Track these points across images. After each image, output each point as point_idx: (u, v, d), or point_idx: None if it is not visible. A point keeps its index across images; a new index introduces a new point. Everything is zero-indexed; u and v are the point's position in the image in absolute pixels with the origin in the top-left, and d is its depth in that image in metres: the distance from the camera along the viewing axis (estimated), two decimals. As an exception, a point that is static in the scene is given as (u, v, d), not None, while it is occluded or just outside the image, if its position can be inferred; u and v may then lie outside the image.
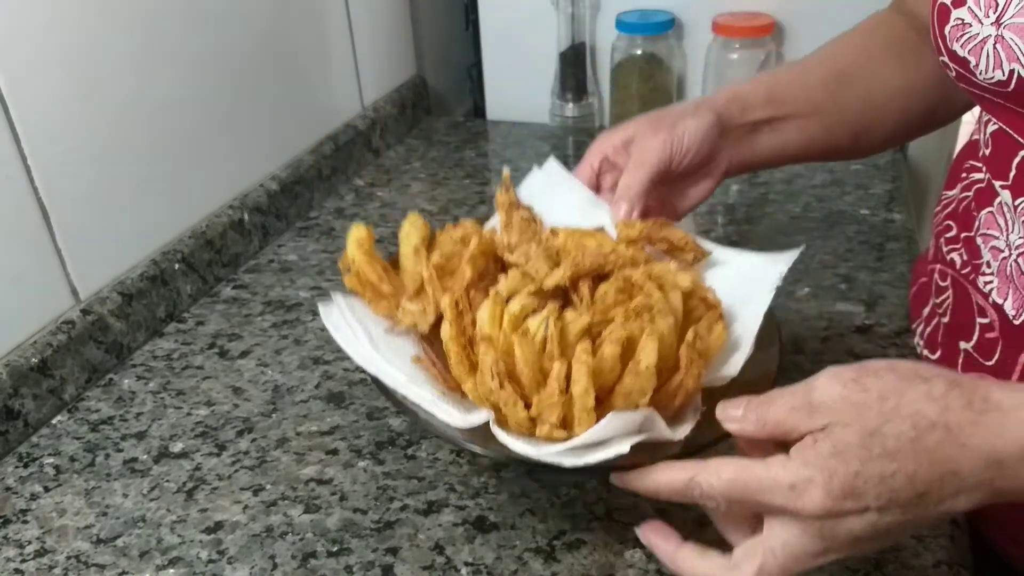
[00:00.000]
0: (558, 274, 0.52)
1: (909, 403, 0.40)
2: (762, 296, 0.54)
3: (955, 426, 0.39)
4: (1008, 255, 0.55)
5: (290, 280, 0.87)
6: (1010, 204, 0.54)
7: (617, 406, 0.48)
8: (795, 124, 0.65)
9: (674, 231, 0.58)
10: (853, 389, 0.41)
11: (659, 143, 0.60)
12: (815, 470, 0.39)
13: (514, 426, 0.48)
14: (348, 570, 0.54)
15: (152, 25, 0.76)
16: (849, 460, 0.39)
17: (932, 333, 0.65)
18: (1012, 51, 0.49)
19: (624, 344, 0.48)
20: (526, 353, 0.48)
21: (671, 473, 0.44)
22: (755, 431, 0.43)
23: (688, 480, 0.43)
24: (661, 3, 1.08)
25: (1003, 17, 0.50)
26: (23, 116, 0.65)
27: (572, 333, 0.49)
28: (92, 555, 0.57)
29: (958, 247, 0.62)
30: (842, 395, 0.41)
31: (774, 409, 0.43)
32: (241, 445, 0.65)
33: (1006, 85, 0.51)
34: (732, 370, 0.52)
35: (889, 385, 0.41)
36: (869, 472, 0.39)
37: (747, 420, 0.43)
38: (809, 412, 0.41)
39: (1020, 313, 0.55)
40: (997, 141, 0.56)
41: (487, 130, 1.21)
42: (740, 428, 0.44)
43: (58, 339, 0.69)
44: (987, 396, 0.40)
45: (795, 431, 0.42)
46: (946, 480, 0.39)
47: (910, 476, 0.39)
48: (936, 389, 0.40)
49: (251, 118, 0.91)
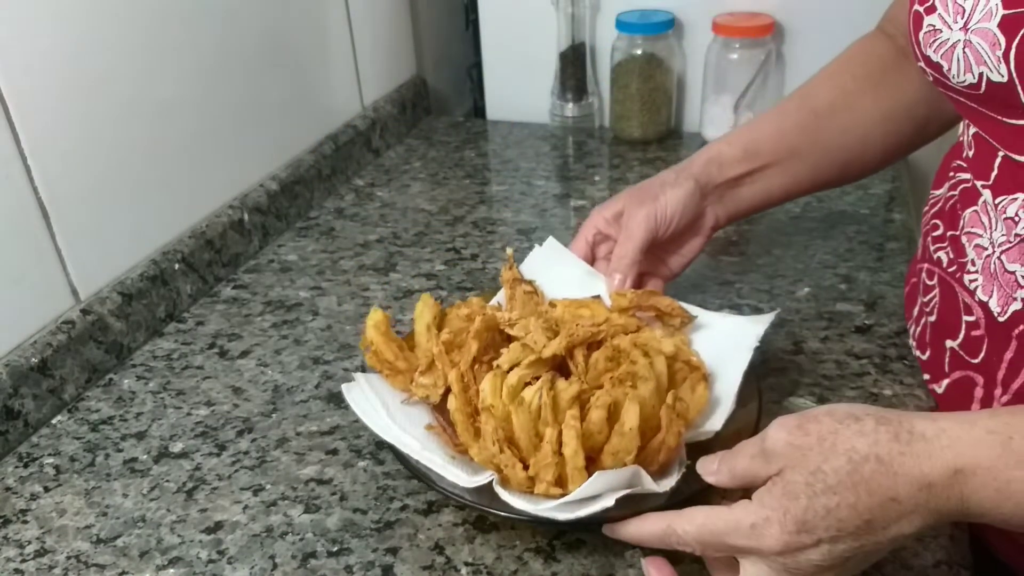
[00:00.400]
0: (555, 345, 0.58)
1: (844, 440, 0.44)
2: (742, 356, 0.61)
3: (886, 457, 0.43)
4: (992, 253, 0.56)
5: (290, 280, 0.87)
6: (992, 203, 0.55)
7: (606, 464, 0.53)
8: (776, 171, 0.69)
9: (662, 299, 0.66)
10: (796, 435, 0.45)
11: (643, 217, 0.66)
12: (770, 510, 0.44)
13: (515, 485, 0.54)
14: (348, 570, 0.54)
15: (152, 25, 0.76)
16: (798, 497, 0.43)
17: (921, 333, 0.66)
18: (979, 55, 0.51)
19: (610, 408, 0.54)
20: (522, 421, 0.54)
21: (651, 523, 0.49)
22: (728, 481, 0.49)
23: (665, 528, 0.48)
24: (661, 3, 1.08)
25: (970, 22, 0.51)
26: (23, 115, 0.65)
27: (563, 400, 0.54)
28: (92, 555, 0.57)
29: (944, 246, 0.62)
30: (787, 441, 0.45)
31: (739, 460, 0.48)
32: (241, 445, 0.65)
33: (977, 88, 0.52)
34: (715, 425, 0.58)
35: (826, 427, 0.45)
36: (816, 506, 0.43)
37: (721, 472, 0.49)
38: (765, 460, 0.46)
39: (1005, 311, 0.55)
40: (979, 143, 0.57)
41: (487, 130, 1.21)
42: (716, 480, 0.49)
43: (58, 339, 0.69)
44: (912, 428, 0.44)
45: (757, 477, 0.46)
46: (886, 507, 0.43)
47: (852, 506, 0.43)
48: (867, 426, 0.44)
49: (251, 118, 0.91)
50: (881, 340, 0.72)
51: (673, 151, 1.10)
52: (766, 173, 0.69)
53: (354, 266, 0.88)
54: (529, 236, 0.91)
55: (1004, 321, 0.55)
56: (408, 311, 0.80)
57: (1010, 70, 0.49)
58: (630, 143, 1.12)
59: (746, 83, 1.04)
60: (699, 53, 1.08)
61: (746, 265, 0.84)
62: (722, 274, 0.83)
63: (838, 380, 0.68)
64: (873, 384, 0.67)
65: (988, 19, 0.50)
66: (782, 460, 0.45)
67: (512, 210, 0.97)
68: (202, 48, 0.82)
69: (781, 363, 0.70)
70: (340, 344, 0.76)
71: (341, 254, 0.91)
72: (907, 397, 0.65)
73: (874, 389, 0.66)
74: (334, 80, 1.05)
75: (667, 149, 1.11)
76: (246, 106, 0.90)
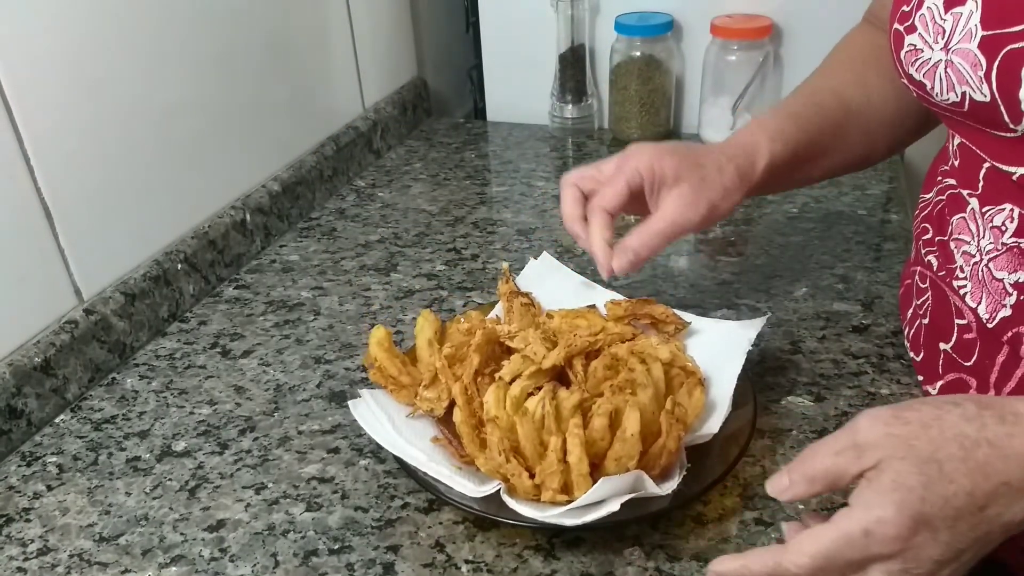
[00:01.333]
0: (554, 355, 0.60)
1: (950, 426, 0.42)
2: (736, 359, 0.62)
3: (995, 440, 0.41)
4: (979, 260, 0.56)
5: (292, 280, 0.87)
6: (979, 211, 0.55)
7: (610, 469, 0.55)
8: (805, 168, 0.68)
9: (656, 307, 0.67)
10: (895, 424, 0.43)
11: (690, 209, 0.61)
12: (880, 508, 0.41)
13: (522, 494, 0.55)
14: (349, 568, 0.55)
15: (156, 27, 0.77)
16: (912, 488, 0.41)
17: (915, 335, 0.66)
18: (961, 75, 0.50)
19: (611, 416, 0.55)
20: (526, 430, 0.55)
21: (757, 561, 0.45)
22: (806, 490, 0.45)
23: (774, 567, 0.44)
24: (660, 5, 1.08)
25: (950, 43, 0.51)
26: (26, 117, 0.66)
27: (566, 409, 0.56)
28: (95, 553, 0.57)
29: (934, 250, 0.62)
30: (886, 432, 0.43)
31: (817, 461, 0.44)
32: (243, 444, 0.66)
33: (960, 106, 0.52)
34: (713, 428, 0.59)
35: (927, 414, 0.43)
36: (932, 497, 0.41)
37: (796, 484, 0.45)
38: (857, 453, 0.43)
39: (993, 317, 0.55)
40: (964, 153, 0.57)
41: (487, 131, 1.21)
42: (793, 494, 0.45)
43: (61, 339, 0.69)
44: (1016, 410, 0.42)
45: (846, 474, 0.43)
46: (1000, 492, 0.41)
47: (969, 493, 0.41)
48: (969, 411, 0.42)
49: (253, 119, 0.91)
50: (878, 340, 0.72)
51: (672, 152, 1.10)
52: (797, 171, 0.68)
53: (355, 266, 0.89)
54: (529, 237, 0.92)
55: (993, 327, 0.55)
56: (409, 311, 0.80)
57: (992, 91, 0.49)
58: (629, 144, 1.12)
59: (744, 85, 1.04)
60: (697, 55, 1.08)
61: (744, 265, 0.85)
62: (720, 274, 0.83)
63: (835, 379, 0.68)
64: (870, 383, 0.67)
65: (968, 40, 0.50)
66: (880, 452, 0.42)
67: (512, 211, 0.98)
68: (205, 50, 0.83)
69: (779, 362, 0.70)
70: (342, 344, 0.77)
71: (342, 254, 0.91)
72: (904, 396, 0.66)
73: (871, 388, 0.67)
74: (335, 82, 1.06)
75: (666, 150, 1.11)
76: (248, 107, 0.90)
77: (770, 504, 0.57)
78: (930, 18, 0.53)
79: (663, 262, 0.86)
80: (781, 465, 0.60)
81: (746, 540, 0.55)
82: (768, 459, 0.61)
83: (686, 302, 0.78)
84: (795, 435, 0.63)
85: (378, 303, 0.82)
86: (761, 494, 0.58)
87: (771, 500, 0.57)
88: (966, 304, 0.58)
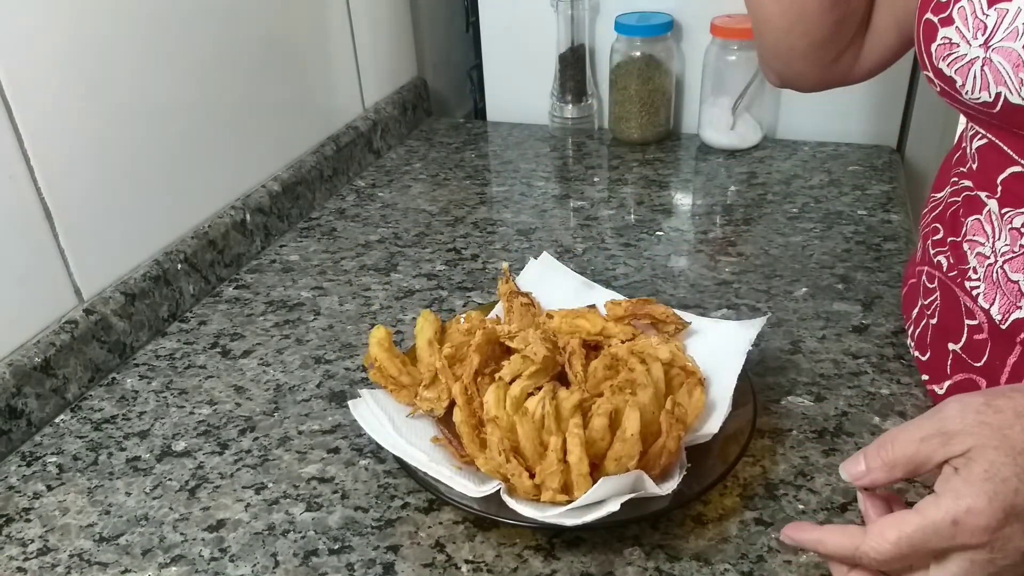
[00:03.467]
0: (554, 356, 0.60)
1: None
2: (736, 359, 0.62)
3: None
4: (994, 262, 0.55)
5: (292, 280, 0.87)
6: (997, 213, 0.55)
7: (610, 469, 0.55)
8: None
9: (656, 307, 0.67)
10: (987, 412, 0.42)
11: None
12: (972, 498, 0.40)
13: (522, 493, 0.55)
14: (349, 568, 0.55)
15: (155, 26, 0.77)
16: (1006, 479, 0.40)
17: (921, 334, 0.66)
18: (1000, 74, 0.49)
19: (611, 415, 0.55)
20: (527, 430, 0.55)
21: (835, 540, 0.44)
22: (886, 476, 0.44)
23: (854, 550, 0.43)
24: (660, 5, 1.08)
25: (992, 40, 0.49)
26: (26, 116, 0.66)
27: (566, 409, 0.56)
28: (95, 553, 0.57)
29: (945, 250, 0.62)
30: (978, 420, 0.42)
31: (899, 446, 0.43)
32: (243, 444, 0.66)
33: (992, 107, 0.50)
34: (713, 428, 0.59)
35: (1021, 403, 0.42)
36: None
37: (873, 470, 0.44)
38: (944, 440, 0.42)
39: (1007, 317, 0.55)
40: (984, 156, 0.56)
41: (487, 131, 1.21)
42: (871, 479, 0.44)
43: (61, 339, 0.69)
44: None
45: (929, 461, 0.43)
46: None
47: None
48: None
49: (253, 119, 0.91)
50: (878, 340, 0.72)
51: (672, 152, 1.11)
52: None
53: (355, 266, 0.89)
54: (529, 237, 0.92)
55: (1007, 328, 0.55)
56: (409, 311, 0.80)
57: None
58: (629, 144, 1.13)
59: (744, 85, 1.04)
60: (697, 55, 1.08)
61: (744, 265, 0.85)
62: (720, 274, 0.83)
63: (835, 379, 0.68)
64: (870, 383, 0.67)
65: (1013, 38, 0.47)
66: (971, 439, 0.41)
67: (512, 211, 0.98)
68: (205, 50, 0.83)
69: (779, 362, 0.70)
70: (342, 344, 0.77)
71: (343, 254, 0.91)
72: (904, 396, 0.66)
73: (871, 388, 0.67)
74: (335, 82, 1.06)
75: (666, 150, 1.11)
76: (248, 107, 0.90)
77: (770, 504, 0.57)
78: (970, 12, 0.51)
79: (663, 262, 0.86)
80: (781, 465, 0.60)
81: (746, 540, 0.55)
82: (768, 459, 0.61)
83: (686, 302, 0.79)
84: (795, 435, 0.63)
85: (378, 303, 0.82)
86: (761, 494, 0.58)
87: (771, 500, 0.57)
88: (978, 305, 0.57)
